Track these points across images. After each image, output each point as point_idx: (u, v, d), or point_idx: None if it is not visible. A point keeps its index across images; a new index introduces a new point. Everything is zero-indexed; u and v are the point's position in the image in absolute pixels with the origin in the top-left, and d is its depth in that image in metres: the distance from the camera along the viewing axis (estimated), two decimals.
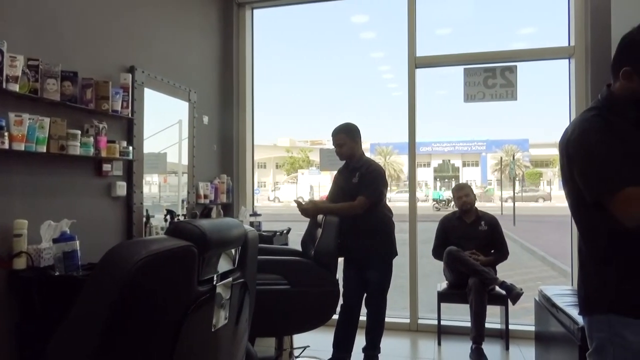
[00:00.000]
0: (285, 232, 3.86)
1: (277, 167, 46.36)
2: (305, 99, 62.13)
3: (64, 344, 0.97)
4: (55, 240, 2.23)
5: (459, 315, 4.05)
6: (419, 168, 40.87)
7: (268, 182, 45.04)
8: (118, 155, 2.77)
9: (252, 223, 3.91)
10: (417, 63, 4.00)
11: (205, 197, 3.84)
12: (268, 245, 3.32)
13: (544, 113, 54.47)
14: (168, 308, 1.03)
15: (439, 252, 3.81)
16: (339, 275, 2.92)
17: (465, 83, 3.92)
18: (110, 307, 0.92)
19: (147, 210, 3.17)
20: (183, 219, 3.32)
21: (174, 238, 1.07)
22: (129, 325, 0.94)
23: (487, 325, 3.43)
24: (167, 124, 3.64)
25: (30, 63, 2.24)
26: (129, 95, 2.89)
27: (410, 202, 4.11)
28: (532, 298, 3.27)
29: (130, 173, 3.00)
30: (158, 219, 3.26)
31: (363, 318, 3.14)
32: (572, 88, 3.73)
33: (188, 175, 3.72)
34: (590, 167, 1.35)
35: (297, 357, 3.18)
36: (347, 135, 3.12)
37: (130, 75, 2.93)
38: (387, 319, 3.16)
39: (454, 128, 58.96)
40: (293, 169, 43.50)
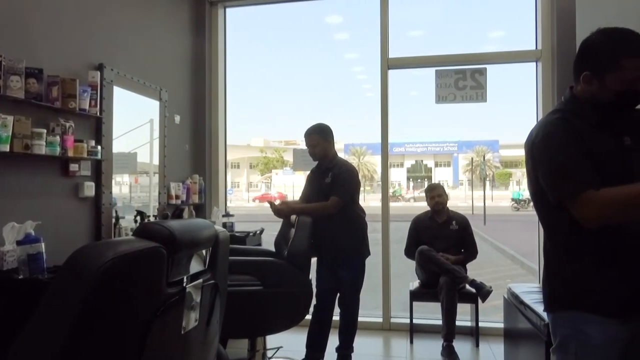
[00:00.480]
0: (259, 232, 3.84)
1: (250, 167, 46.12)
2: (280, 99, 62.06)
3: (27, 348, 0.94)
4: (19, 243, 2.16)
5: (431, 314, 4.11)
6: (393, 168, 41.47)
7: (242, 182, 44.76)
8: (86, 155, 2.70)
9: (224, 224, 3.87)
10: (389, 64, 4.04)
11: (177, 197, 3.79)
12: (241, 246, 3.30)
13: (513, 115, 55.85)
14: (136, 310, 1.01)
15: (411, 251, 3.85)
16: (312, 276, 2.92)
17: (437, 85, 3.98)
18: (76, 309, 0.90)
19: (116, 211, 3.10)
20: (154, 220, 3.27)
21: (143, 239, 1.05)
22: (96, 328, 0.92)
23: (458, 323, 3.49)
24: (137, 123, 3.57)
25: None
26: (98, 94, 2.82)
27: (383, 202, 4.14)
28: (501, 296, 3.34)
29: (99, 173, 2.93)
30: (128, 220, 3.20)
31: (336, 318, 3.15)
32: (539, 90, 3.83)
33: (159, 176, 3.66)
34: (553, 170, 1.38)
35: (270, 358, 3.17)
36: (319, 136, 3.12)
37: (99, 73, 2.86)
38: (360, 319, 3.18)
39: (427, 129, 59.76)
40: (267, 169, 43.37)
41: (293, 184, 26.88)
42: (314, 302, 2.99)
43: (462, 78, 3.92)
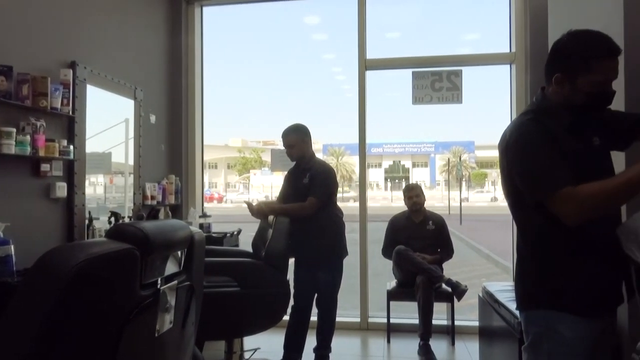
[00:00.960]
0: (236, 233, 3.82)
1: (228, 167, 45.79)
2: (258, 99, 61.78)
3: None
4: None
5: (408, 313, 4.14)
6: (371, 169, 41.70)
7: (219, 182, 44.40)
8: (58, 155, 2.64)
9: (201, 224, 3.84)
10: (367, 65, 4.06)
11: (153, 198, 3.73)
12: (218, 247, 3.27)
13: (488, 116, 56.75)
14: (108, 314, 0.99)
15: (389, 251, 3.88)
16: (290, 276, 2.91)
17: (414, 86, 4.01)
18: (45, 312, 0.88)
19: (89, 212, 3.04)
20: (128, 221, 3.21)
21: (115, 241, 1.03)
22: (66, 332, 0.90)
23: (434, 322, 3.53)
24: (112, 123, 3.51)
25: None
26: (70, 92, 2.76)
27: (361, 202, 4.16)
28: (476, 294, 3.39)
29: (71, 173, 2.86)
30: (102, 222, 3.14)
31: (314, 318, 3.15)
32: (513, 92, 3.91)
33: (134, 176, 3.60)
34: (529, 170, 1.40)
35: (247, 359, 3.15)
36: (297, 136, 3.12)
37: (71, 71, 2.80)
38: (337, 319, 3.18)
39: (405, 130, 60.33)
40: (245, 170, 43.12)
41: (271, 185, 26.80)
42: (292, 302, 2.99)
43: (438, 80, 3.97)
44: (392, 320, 3.81)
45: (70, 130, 2.86)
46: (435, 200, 26.33)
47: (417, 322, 3.56)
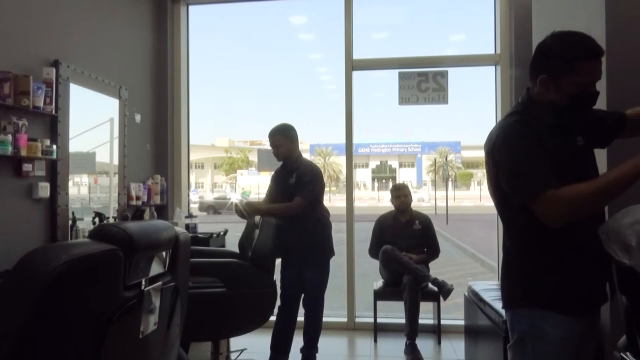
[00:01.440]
0: (222, 233, 3.79)
1: (215, 167, 45.56)
2: (245, 99, 61.57)
3: None
4: None
5: (395, 313, 4.16)
6: (358, 169, 41.74)
7: (206, 182, 44.15)
8: (40, 155, 2.60)
9: (187, 225, 3.81)
10: (354, 65, 4.07)
11: (138, 198, 3.70)
12: (204, 248, 3.24)
13: (474, 117, 57.28)
14: (91, 315, 0.98)
15: (375, 251, 3.89)
16: (277, 276, 2.90)
17: (400, 86, 4.03)
18: (26, 313, 0.86)
19: (73, 213, 3.00)
20: (113, 222, 3.18)
21: (98, 242, 1.02)
22: (47, 334, 0.89)
23: (420, 321, 3.55)
24: (96, 122, 3.46)
25: None
26: (53, 91, 2.72)
27: (348, 201, 4.17)
28: (462, 294, 3.41)
29: (54, 173, 2.82)
30: (86, 222, 3.10)
31: (300, 318, 3.14)
32: (498, 93, 3.94)
33: (119, 176, 3.56)
34: (514, 172, 1.41)
35: None
36: (283, 136, 3.11)
37: (54, 70, 2.76)
38: (324, 319, 3.18)
39: (392, 130, 60.57)
40: (232, 170, 42.95)
41: (258, 185, 26.69)
42: (279, 303, 2.98)
43: (424, 80, 3.99)
44: (379, 320, 3.83)
45: (53, 130, 2.82)
46: (422, 200, 26.46)
47: (403, 321, 3.57)
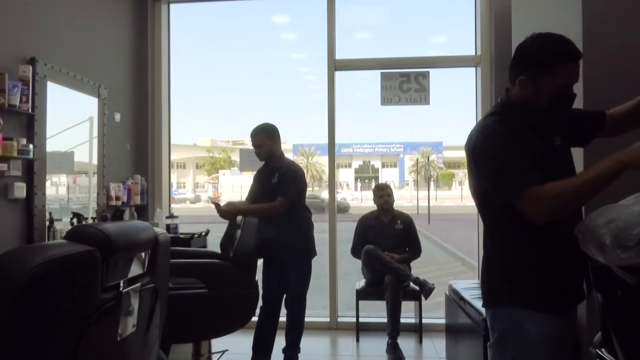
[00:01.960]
0: (204, 234, 3.76)
1: (197, 167, 45.18)
2: (228, 99, 61.20)
3: None
4: None
5: (377, 312, 4.17)
6: (341, 169, 41.76)
7: (188, 182, 43.76)
8: (16, 154, 2.55)
9: (168, 225, 3.77)
10: (336, 66, 4.08)
11: (117, 198, 3.64)
12: (185, 248, 3.22)
13: (456, 117, 57.81)
14: (67, 317, 0.96)
15: (358, 250, 3.90)
16: (259, 277, 2.89)
17: (382, 87, 4.05)
18: (0, 315, 0.84)
19: (50, 214, 2.94)
20: (92, 222, 3.12)
21: (75, 243, 1.00)
22: (22, 337, 0.87)
23: (402, 320, 3.57)
24: (75, 121, 3.40)
25: None
26: (30, 89, 2.67)
27: (330, 202, 4.17)
28: (443, 292, 3.44)
29: (31, 173, 2.76)
30: (64, 223, 3.04)
31: (283, 319, 3.14)
32: (478, 94, 3.99)
33: (98, 176, 3.50)
34: (496, 171, 1.43)
35: None
36: (265, 136, 3.10)
37: (31, 68, 2.70)
38: (307, 319, 3.18)
39: (374, 130, 60.82)
40: (214, 169, 42.65)
41: (241, 185, 26.55)
42: (260, 303, 2.97)
43: (406, 81, 4.01)
44: (361, 320, 3.84)
45: (30, 129, 2.76)
46: (404, 200, 26.65)
47: (385, 320, 3.59)
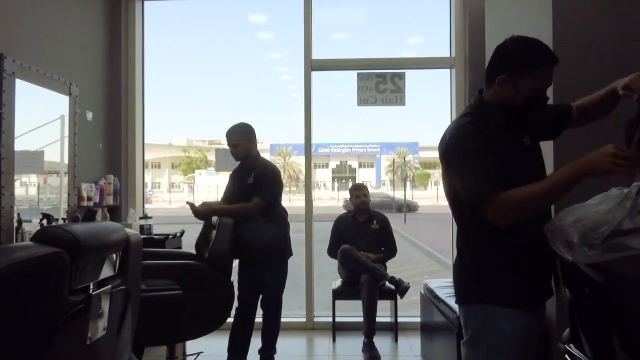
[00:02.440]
0: (179, 235, 3.71)
1: (173, 167, 44.62)
2: (204, 99, 60.62)
3: None
4: None
5: (353, 312, 4.19)
6: (319, 169, 41.80)
7: (163, 182, 43.17)
8: None
9: (142, 226, 3.70)
10: (313, 66, 4.08)
11: (89, 199, 3.57)
12: (159, 250, 3.17)
13: (431, 118, 58.52)
14: (34, 322, 0.93)
15: (334, 250, 3.91)
16: (234, 278, 2.87)
17: (359, 87, 4.07)
18: None
19: (19, 215, 2.86)
20: (61, 224, 3.05)
21: (42, 245, 0.98)
22: None
23: (378, 320, 3.59)
24: (45, 120, 3.32)
25: None
26: None
27: (307, 202, 4.17)
28: (419, 291, 3.48)
29: None
30: (34, 225, 2.96)
31: (259, 320, 3.12)
32: (453, 95, 4.05)
33: (69, 176, 3.42)
34: (466, 174, 1.46)
35: None
36: (241, 136, 3.08)
37: None
38: (283, 319, 3.18)
39: (351, 130, 61.13)
40: (190, 170, 42.20)
41: (217, 185, 26.32)
42: (236, 304, 2.95)
43: (382, 82, 4.04)
44: (337, 320, 3.85)
45: None
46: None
47: (362, 320, 3.61)
